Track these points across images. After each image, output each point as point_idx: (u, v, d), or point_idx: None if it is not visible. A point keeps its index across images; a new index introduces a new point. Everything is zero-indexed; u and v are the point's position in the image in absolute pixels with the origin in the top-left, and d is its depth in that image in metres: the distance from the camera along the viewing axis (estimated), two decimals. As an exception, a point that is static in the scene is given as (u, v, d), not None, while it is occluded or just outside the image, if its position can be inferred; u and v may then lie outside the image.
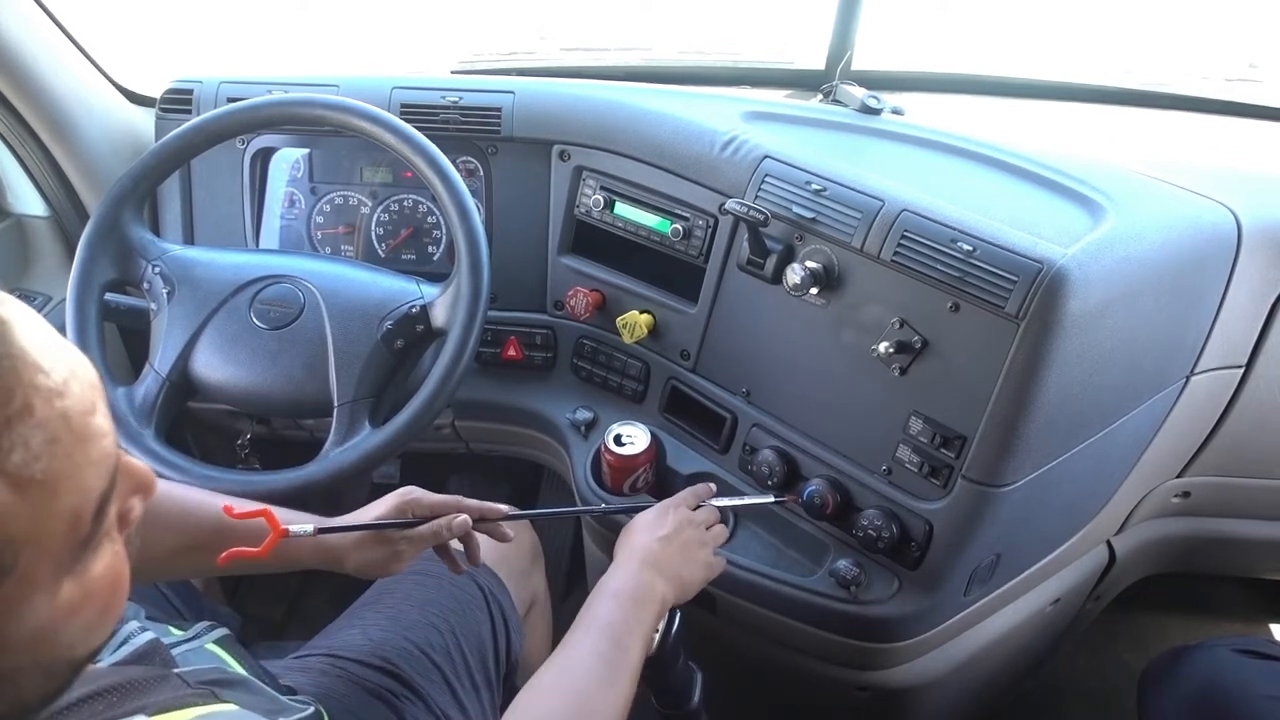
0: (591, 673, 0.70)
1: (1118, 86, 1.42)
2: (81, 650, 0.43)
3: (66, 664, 0.42)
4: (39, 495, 0.36)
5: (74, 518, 0.38)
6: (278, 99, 1.01)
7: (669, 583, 0.79)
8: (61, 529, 0.38)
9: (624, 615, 0.74)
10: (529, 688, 0.69)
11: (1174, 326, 0.92)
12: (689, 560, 0.82)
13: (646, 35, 2.01)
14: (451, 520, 0.81)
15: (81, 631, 0.42)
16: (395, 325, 1.00)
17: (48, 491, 0.36)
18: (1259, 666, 0.94)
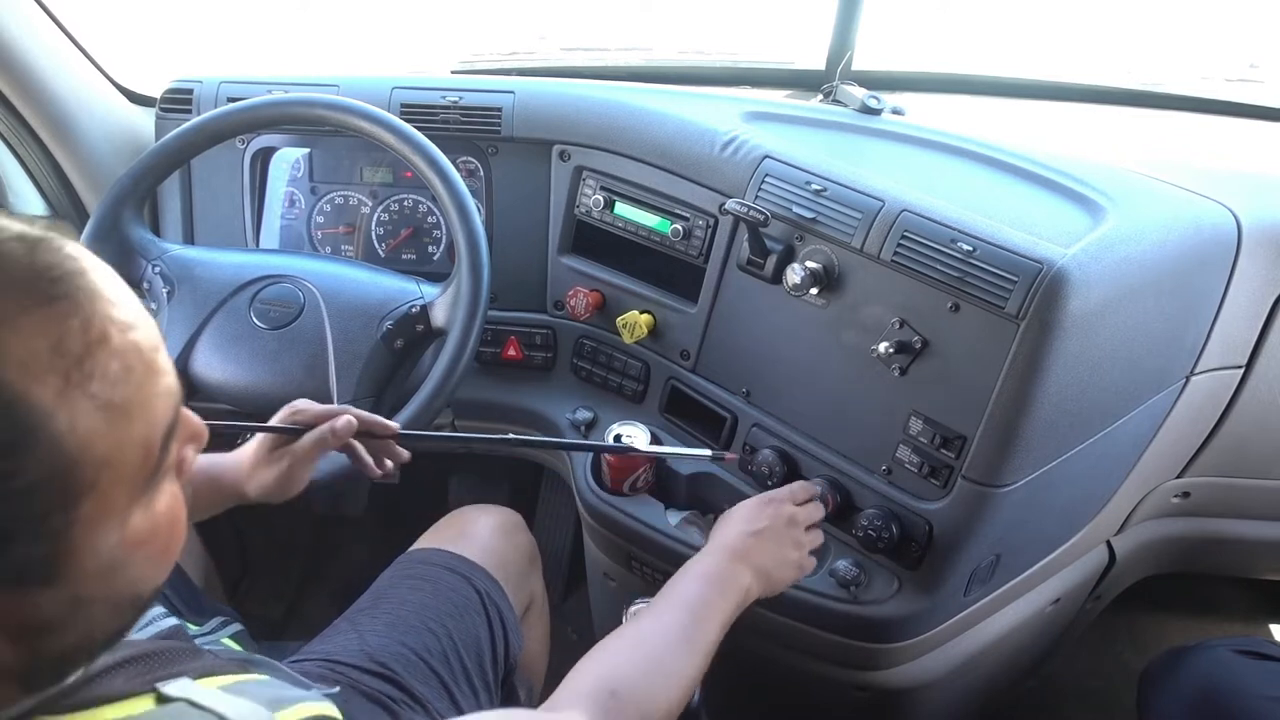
0: (665, 639, 0.71)
1: (1118, 86, 1.42)
2: (145, 587, 0.45)
3: (131, 600, 0.45)
4: (116, 420, 0.39)
5: (145, 446, 0.41)
6: (278, 99, 1.01)
7: (756, 576, 0.80)
8: (135, 456, 0.41)
9: (704, 595, 0.75)
10: (599, 647, 0.70)
11: (1174, 326, 0.92)
12: (779, 558, 0.82)
13: (646, 35, 2.01)
14: (334, 423, 0.81)
15: (146, 566, 0.44)
16: (395, 325, 1.00)
17: (123, 417, 0.39)
18: (1259, 667, 0.94)
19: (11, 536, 0.37)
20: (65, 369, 0.37)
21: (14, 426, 0.36)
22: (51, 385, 0.37)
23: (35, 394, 0.36)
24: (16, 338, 0.36)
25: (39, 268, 0.38)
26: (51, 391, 0.37)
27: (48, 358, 0.37)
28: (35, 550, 0.38)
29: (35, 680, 0.43)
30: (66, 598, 0.41)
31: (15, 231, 0.39)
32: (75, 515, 0.39)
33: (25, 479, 0.37)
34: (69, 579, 0.40)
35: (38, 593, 0.39)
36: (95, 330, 0.39)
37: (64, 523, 0.39)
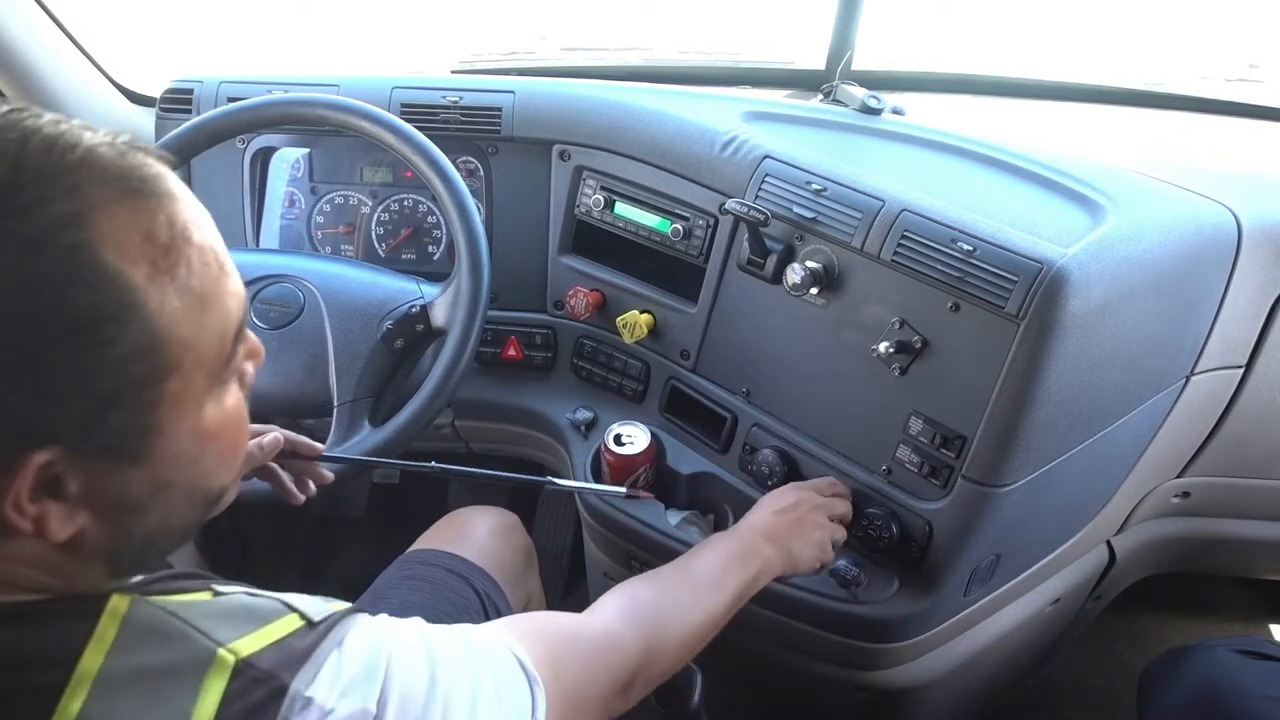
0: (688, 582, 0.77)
1: (1118, 86, 1.42)
2: (214, 483, 0.50)
3: (202, 494, 0.50)
4: (196, 308, 0.44)
5: (220, 337, 0.46)
6: (278, 99, 1.01)
7: (777, 551, 0.84)
8: (212, 344, 0.46)
9: (727, 557, 0.81)
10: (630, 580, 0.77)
11: (1174, 326, 0.92)
12: (802, 536, 0.86)
13: (646, 35, 2.01)
14: (261, 439, 0.81)
15: (216, 462, 0.50)
16: (395, 325, 1.00)
17: (202, 307, 0.45)
18: (1259, 667, 0.94)
19: (113, 402, 0.42)
20: (154, 256, 0.42)
21: (113, 299, 0.41)
22: (143, 268, 0.42)
23: (129, 273, 0.41)
24: (112, 223, 0.41)
25: (128, 166, 0.43)
26: (143, 274, 0.42)
27: (140, 244, 0.42)
28: (130, 420, 0.43)
29: (119, 562, 0.47)
30: (150, 479, 0.46)
31: (102, 136, 0.43)
32: (163, 390, 0.44)
33: (124, 345, 0.41)
34: (154, 459, 0.45)
35: (128, 470, 0.44)
36: (179, 225, 0.44)
37: (154, 396, 0.43)
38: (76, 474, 0.42)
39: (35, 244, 0.39)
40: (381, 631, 0.51)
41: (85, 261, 0.40)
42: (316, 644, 0.47)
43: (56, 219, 0.39)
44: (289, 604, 0.49)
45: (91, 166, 0.41)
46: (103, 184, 0.41)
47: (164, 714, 0.42)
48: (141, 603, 0.45)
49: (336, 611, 0.51)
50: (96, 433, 0.42)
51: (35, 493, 0.41)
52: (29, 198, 0.39)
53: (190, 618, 0.45)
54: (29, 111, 0.42)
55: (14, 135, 0.40)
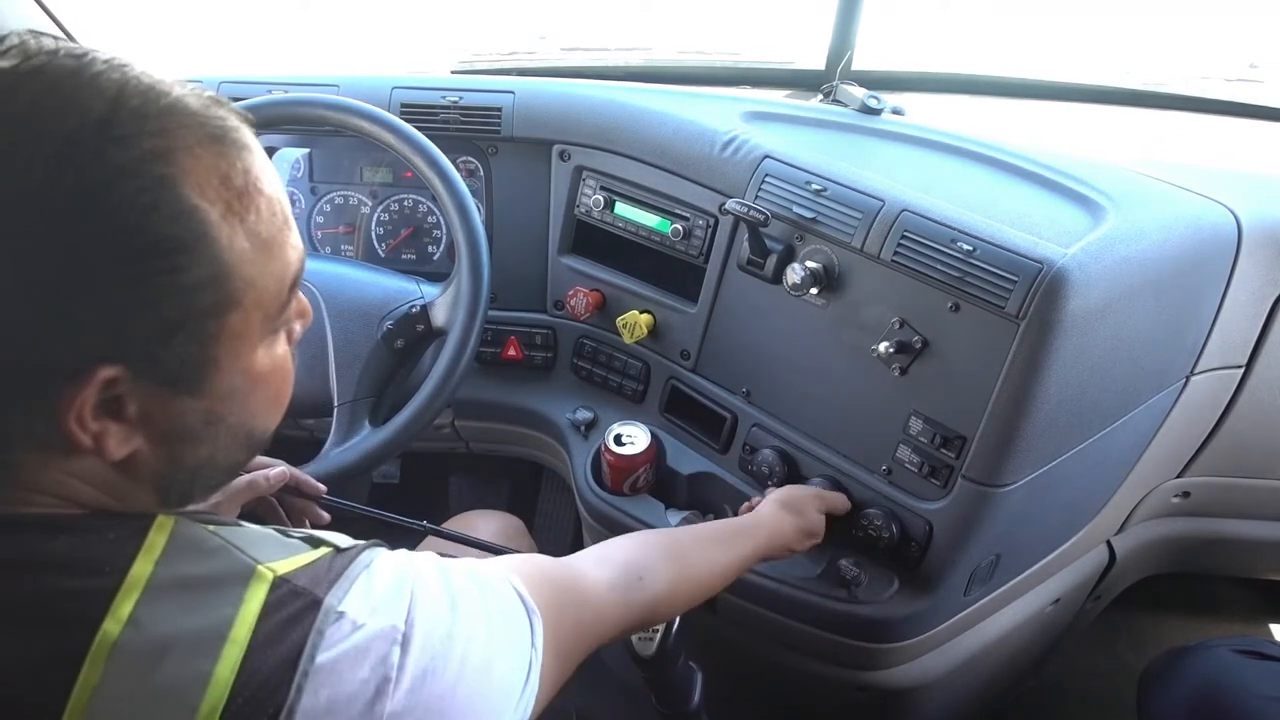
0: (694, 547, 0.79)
1: (1118, 86, 1.42)
2: (259, 424, 0.53)
3: (247, 434, 0.52)
4: (261, 251, 0.47)
5: (279, 283, 0.49)
6: (278, 99, 1.01)
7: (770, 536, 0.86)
8: (271, 287, 0.49)
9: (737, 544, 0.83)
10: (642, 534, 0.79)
11: (1174, 326, 0.92)
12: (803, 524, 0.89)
13: (646, 35, 2.01)
14: (268, 471, 0.83)
15: (263, 404, 0.52)
16: (395, 325, 1.00)
17: (266, 251, 0.48)
18: (1259, 667, 0.94)
19: (178, 327, 0.45)
20: (228, 198, 0.46)
21: (189, 231, 0.44)
22: (218, 208, 0.45)
23: (206, 210, 0.44)
24: (196, 164, 0.44)
25: (212, 115, 0.47)
26: (217, 212, 0.45)
27: (217, 185, 0.45)
28: (192, 350, 0.46)
29: (169, 488, 0.50)
30: (203, 410, 0.48)
31: (191, 89, 0.47)
32: (224, 324, 0.47)
33: (193, 275, 0.44)
34: (208, 393, 0.48)
35: (184, 401, 0.47)
36: (253, 174, 0.47)
37: (216, 329, 0.46)
38: (137, 397, 0.45)
39: (126, 172, 0.42)
40: (405, 560, 0.54)
41: (169, 194, 0.43)
42: (347, 566, 0.50)
43: (147, 151, 0.43)
44: (321, 539, 0.52)
45: (181, 111, 0.45)
46: (190, 128, 0.45)
47: (209, 618, 0.44)
48: (185, 522, 0.48)
49: (362, 543, 0.54)
50: (160, 357, 0.45)
51: (97, 410, 0.44)
52: (126, 130, 0.42)
53: (230, 538, 0.48)
54: (126, 62, 0.46)
55: (115, 76, 0.44)
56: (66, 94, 0.43)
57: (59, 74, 0.43)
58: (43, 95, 0.42)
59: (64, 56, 0.44)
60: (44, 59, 0.43)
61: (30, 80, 0.43)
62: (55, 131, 0.41)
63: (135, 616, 0.43)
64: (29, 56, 0.43)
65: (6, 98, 0.42)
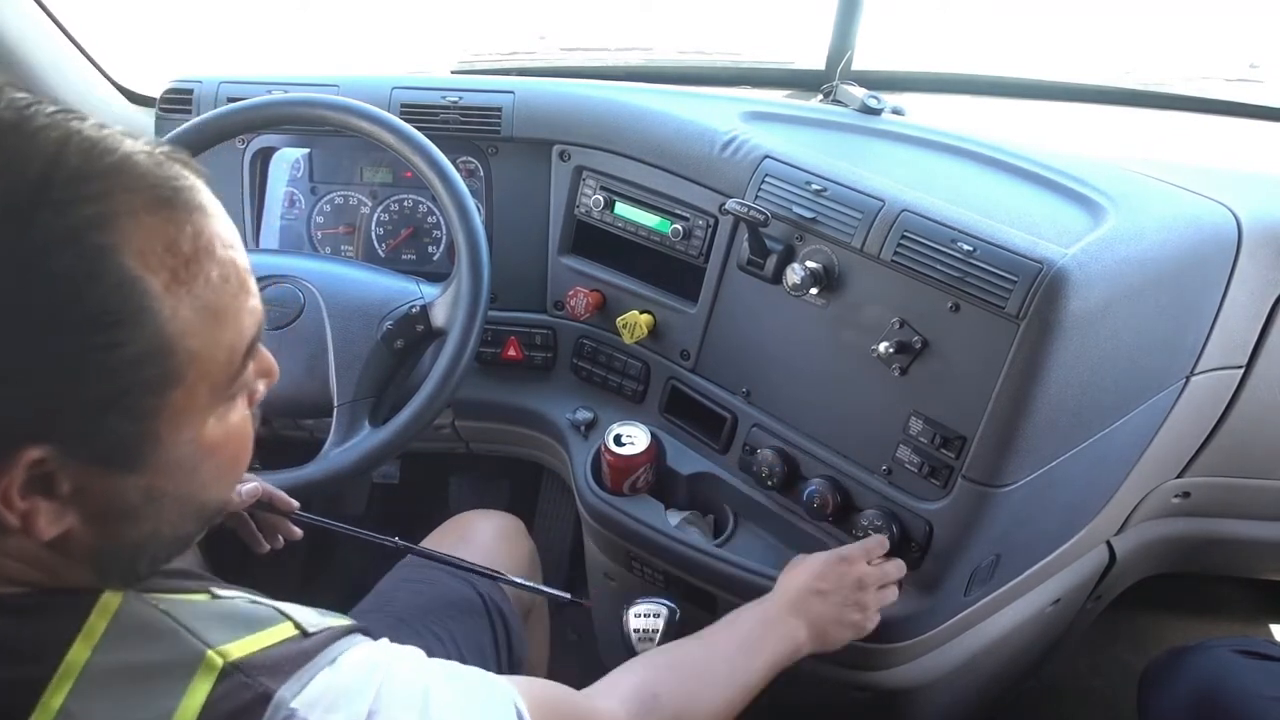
0: (711, 660, 0.76)
1: (1118, 86, 1.42)
2: (210, 496, 0.50)
3: (197, 507, 0.49)
4: (210, 321, 0.44)
5: (230, 352, 0.46)
6: (278, 99, 1.01)
7: (810, 632, 0.82)
8: (221, 358, 0.45)
9: (756, 634, 0.79)
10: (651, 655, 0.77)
11: (1174, 326, 0.92)
12: (838, 620, 0.84)
13: (646, 35, 2.01)
14: (241, 486, 0.82)
15: (214, 475, 0.49)
16: (395, 325, 1.00)
17: (216, 321, 0.45)
18: (1259, 667, 0.94)
19: (110, 405, 0.42)
20: (174, 266, 0.42)
21: (126, 303, 0.41)
22: (161, 277, 0.42)
23: (148, 281, 0.41)
24: (139, 231, 0.41)
25: (163, 176, 0.43)
26: (160, 282, 0.42)
27: (161, 253, 0.42)
28: (128, 426, 0.43)
29: (107, 567, 0.46)
30: (144, 487, 0.45)
31: (141, 145, 0.43)
32: (165, 400, 0.43)
33: (131, 351, 0.41)
34: (149, 468, 0.45)
35: (121, 478, 0.44)
36: (204, 239, 0.44)
37: (155, 406, 0.43)
38: (69, 474, 0.42)
39: (62, 240, 0.39)
40: (377, 657, 0.50)
41: (108, 264, 0.40)
42: (310, 657, 0.47)
43: (86, 219, 0.40)
44: (285, 613, 0.49)
45: (127, 172, 0.42)
46: (135, 190, 0.42)
47: (146, 713, 0.42)
48: (134, 599, 0.45)
49: (333, 627, 0.50)
50: (93, 435, 0.42)
51: (25, 489, 0.41)
52: (62, 194, 0.39)
53: (182, 617, 0.45)
54: (74, 113, 0.42)
55: (56, 134, 0.41)
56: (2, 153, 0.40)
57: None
58: None
59: (6, 109, 0.41)
60: None
61: None
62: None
63: (66, 709, 0.41)
64: None
65: None
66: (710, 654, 0.77)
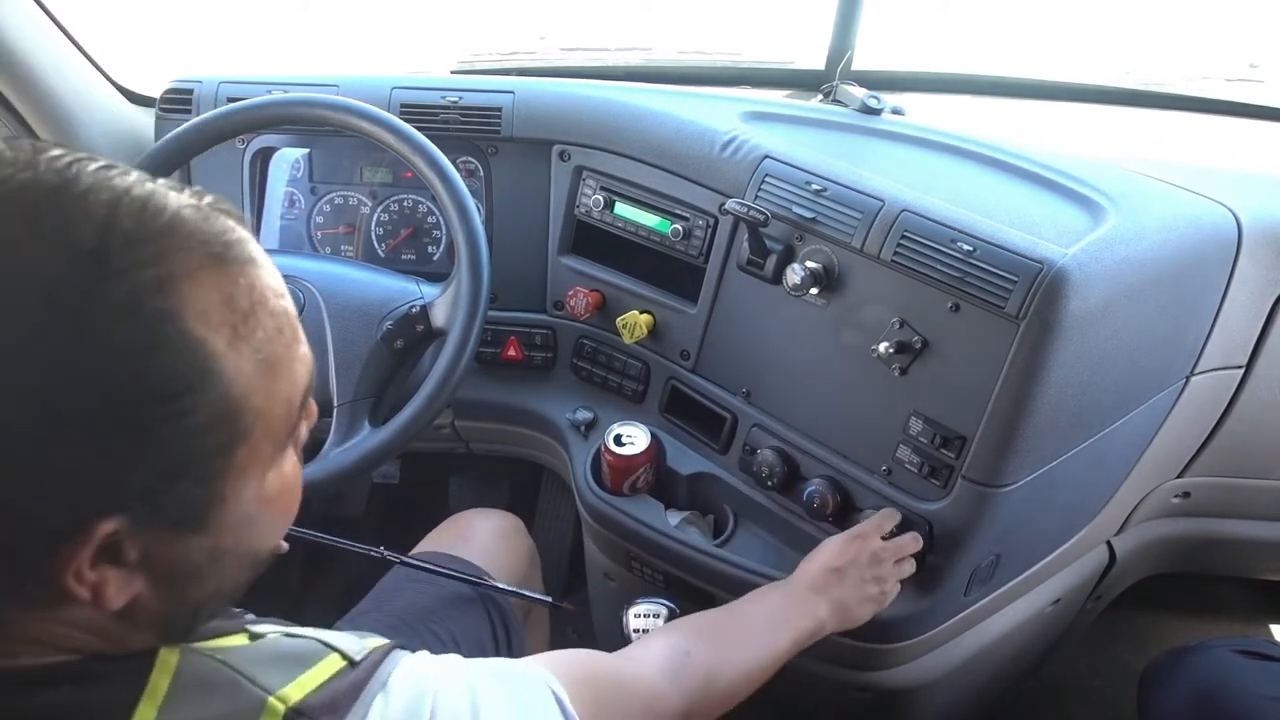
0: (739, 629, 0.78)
1: (1118, 86, 1.42)
2: (265, 545, 0.50)
3: (254, 557, 0.49)
4: (269, 375, 0.43)
5: (288, 404, 0.45)
6: (278, 99, 1.01)
7: (831, 610, 0.83)
8: (281, 411, 0.45)
9: (780, 610, 0.82)
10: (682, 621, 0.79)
11: (1174, 326, 0.92)
12: (858, 595, 0.85)
13: (646, 35, 2.01)
14: None
15: (270, 526, 0.49)
16: (395, 325, 1.00)
17: (274, 373, 0.44)
18: (1259, 667, 0.94)
19: (181, 473, 0.41)
20: (234, 322, 0.41)
21: (193, 368, 0.40)
22: (223, 335, 0.41)
23: (211, 341, 0.40)
24: (198, 290, 0.40)
25: (213, 231, 0.42)
26: (223, 341, 0.41)
27: (221, 310, 0.41)
28: (196, 492, 0.42)
29: (170, 629, 0.46)
30: (209, 547, 0.45)
31: (187, 199, 0.42)
32: (231, 461, 0.43)
33: (199, 418, 0.40)
34: (214, 528, 0.44)
35: (188, 539, 0.43)
36: (257, 291, 0.43)
37: (222, 467, 0.43)
38: (137, 541, 0.41)
39: (124, 310, 0.38)
40: (424, 671, 0.51)
41: (172, 329, 0.39)
42: (362, 685, 0.47)
43: (145, 285, 0.38)
44: (328, 643, 0.49)
45: (179, 231, 0.41)
46: (189, 249, 0.41)
47: None
48: (190, 653, 0.45)
49: (376, 649, 0.51)
50: (163, 503, 0.41)
51: (95, 560, 0.40)
52: (120, 262, 0.38)
53: (238, 665, 0.45)
54: (115, 167, 0.41)
55: (105, 196, 0.39)
56: (52, 223, 0.38)
57: (42, 196, 0.38)
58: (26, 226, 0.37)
59: (46, 172, 0.39)
60: (25, 177, 0.39)
61: (10, 207, 0.38)
62: (41, 273, 0.37)
63: None
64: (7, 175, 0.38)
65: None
66: (739, 623, 0.79)
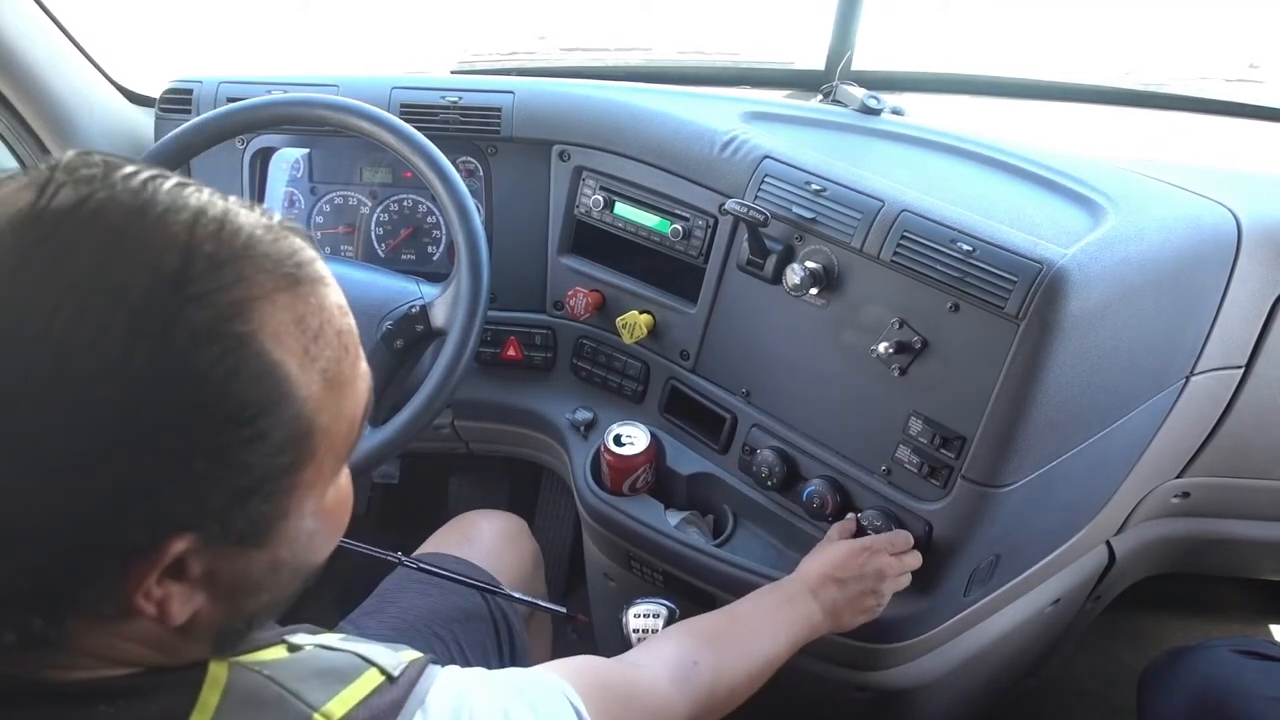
0: (738, 631, 0.80)
1: (1118, 86, 1.42)
2: (319, 558, 0.50)
3: (308, 568, 0.49)
4: (336, 393, 0.44)
5: (351, 422, 0.46)
6: (278, 99, 1.01)
7: (826, 614, 0.85)
8: (344, 429, 0.45)
9: (777, 611, 0.83)
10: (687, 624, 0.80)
11: (1174, 326, 0.92)
12: (853, 605, 0.86)
13: (646, 35, 2.01)
14: None
15: (325, 539, 0.49)
16: (395, 325, 1.00)
17: (339, 392, 0.44)
18: (1259, 667, 0.94)
19: (253, 491, 0.41)
20: (305, 343, 0.42)
21: (271, 391, 0.40)
22: (296, 356, 0.41)
23: (286, 364, 0.40)
24: (274, 312, 0.40)
25: (285, 253, 0.43)
26: (296, 362, 0.41)
27: (293, 332, 0.41)
28: (264, 509, 0.42)
29: (225, 641, 0.46)
30: (269, 560, 0.45)
31: (259, 218, 0.43)
32: (298, 480, 0.43)
33: (275, 439, 0.40)
34: (276, 542, 0.44)
35: (250, 554, 0.43)
36: (326, 311, 0.44)
37: (290, 485, 0.43)
38: (203, 558, 0.41)
39: (205, 334, 0.38)
40: (457, 687, 0.52)
41: (250, 353, 0.39)
42: (401, 702, 0.48)
43: (226, 308, 0.38)
44: (366, 657, 0.50)
45: (254, 253, 0.41)
46: (266, 271, 0.41)
47: None
48: (239, 669, 0.45)
49: (412, 663, 0.51)
50: (233, 521, 0.41)
51: (161, 576, 0.40)
52: (202, 285, 0.38)
53: (284, 680, 0.45)
54: (188, 182, 0.41)
55: (184, 216, 0.39)
56: (134, 245, 0.37)
57: (122, 217, 0.38)
58: (108, 250, 0.37)
59: (122, 191, 0.38)
60: (102, 197, 0.38)
61: (91, 229, 0.37)
62: (126, 296, 0.36)
63: None
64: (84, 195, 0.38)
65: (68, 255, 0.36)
66: (739, 628, 0.80)
